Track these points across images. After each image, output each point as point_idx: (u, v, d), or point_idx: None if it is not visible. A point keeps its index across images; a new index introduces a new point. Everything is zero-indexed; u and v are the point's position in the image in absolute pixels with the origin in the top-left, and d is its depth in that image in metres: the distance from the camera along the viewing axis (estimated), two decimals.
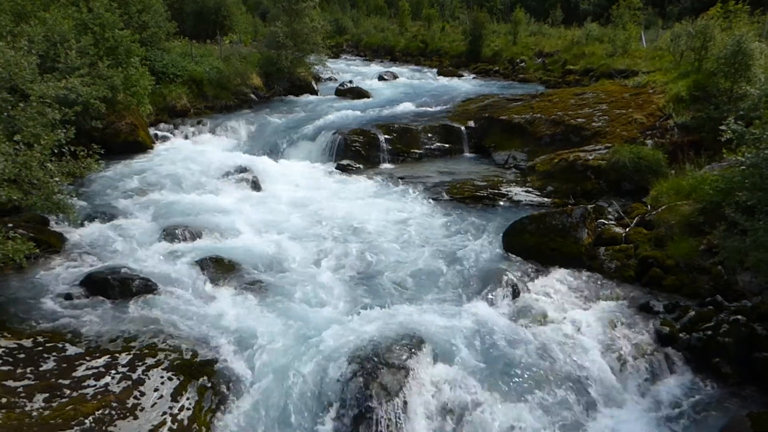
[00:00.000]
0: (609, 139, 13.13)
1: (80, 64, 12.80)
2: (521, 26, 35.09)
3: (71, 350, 6.77)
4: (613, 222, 10.16)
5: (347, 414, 6.09)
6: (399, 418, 6.01)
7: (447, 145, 16.15)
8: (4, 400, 5.74)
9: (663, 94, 14.38)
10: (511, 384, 6.64)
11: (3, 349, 6.64)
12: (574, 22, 38.23)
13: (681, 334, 7.29)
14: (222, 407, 6.27)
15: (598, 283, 8.72)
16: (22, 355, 6.58)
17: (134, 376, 6.31)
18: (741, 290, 7.72)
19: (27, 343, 6.84)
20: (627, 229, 9.66)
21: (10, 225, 8.21)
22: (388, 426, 5.95)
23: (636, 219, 9.90)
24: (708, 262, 8.20)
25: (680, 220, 8.95)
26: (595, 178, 11.92)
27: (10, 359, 6.48)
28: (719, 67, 12.66)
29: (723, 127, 7.83)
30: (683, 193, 9.68)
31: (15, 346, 6.75)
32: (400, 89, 24.97)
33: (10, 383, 6.05)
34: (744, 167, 7.26)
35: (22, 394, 5.89)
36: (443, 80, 29.16)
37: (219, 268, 8.92)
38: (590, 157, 12.35)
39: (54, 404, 5.78)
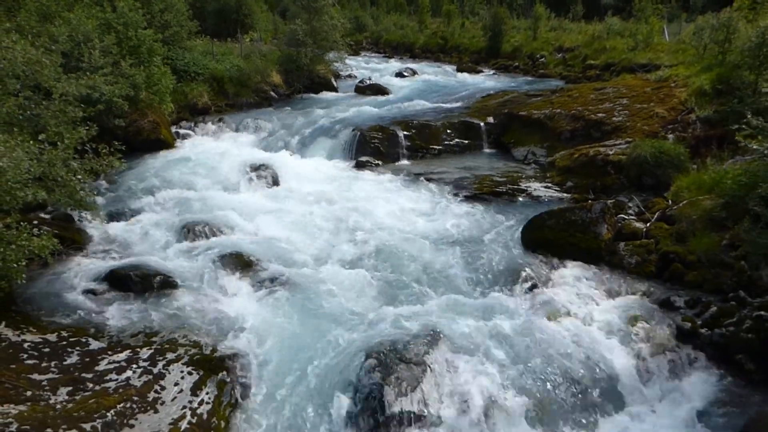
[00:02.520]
0: (630, 133, 12.96)
1: (103, 63, 12.99)
2: (541, 21, 34.77)
3: (94, 345, 6.90)
4: (633, 217, 10.03)
5: (365, 407, 6.12)
6: (416, 413, 6.02)
7: (466, 141, 16.08)
8: (29, 393, 5.88)
9: (685, 87, 14.14)
10: (530, 379, 6.62)
11: (29, 344, 6.80)
12: (595, 16, 37.74)
13: (703, 330, 7.20)
14: (241, 402, 6.35)
15: (618, 278, 8.64)
16: (47, 349, 6.72)
17: (155, 370, 6.42)
18: (765, 285, 7.56)
19: (52, 337, 6.98)
20: (647, 224, 9.53)
21: (36, 222, 8.36)
22: (404, 421, 5.97)
23: (657, 214, 9.76)
24: (731, 257, 8.06)
25: (702, 214, 8.81)
26: (615, 173, 11.78)
27: (36, 353, 6.63)
28: (743, 60, 12.42)
29: (743, 126, 7.72)
30: (705, 187, 9.53)
31: (40, 340, 6.91)
32: (419, 86, 24.93)
33: (36, 376, 6.19)
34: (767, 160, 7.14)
35: (47, 387, 6.02)
36: (462, 76, 29.03)
37: (238, 264, 9.01)
38: (610, 152, 12.21)
39: (77, 397, 5.91)
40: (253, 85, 21.50)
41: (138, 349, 6.80)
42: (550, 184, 12.51)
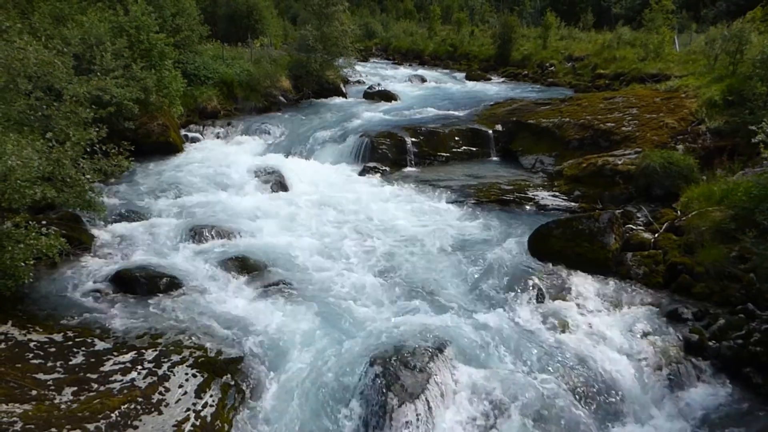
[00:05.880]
0: (639, 143, 12.93)
1: (115, 66, 13.07)
2: (551, 30, 34.80)
3: (99, 345, 6.90)
4: (641, 227, 10.00)
5: (368, 414, 6.09)
6: (420, 421, 6.00)
7: (474, 149, 16.08)
8: (34, 392, 5.88)
9: (695, 98, 14.11)
10: (535, 389, 6.57)
11: (34, 343, 6.81)
12: (605, 25, 37.81)
13: (710, 342, 7.14)
14: (244, 405, 6.33)
15: (625, 289, 8.60)
16: (53, 349, 6.73)
17: (160, 372, 6.41)
18: None
19: (57, 337, 6.99)
20: (656, 235, 9.50)
21: (44, 222, 8.39)
22: (408, 428, 5.94)
23: (665, 225, 9.72)
24: (739, 269, 8.01)
25: (711, 226, 8.77)
26: (623, 183, 11.74)
27: (41, 353, 6.64)
28: (755, 71, 12.37)
29: (754, 128, 7.66)
30: (715, 199, 9.49)
31: (46, 340, 6.92)
32: (428, 93, 24.97)
33: (41, 376, 6.20)
34: None
35: (52, 387, 6.02)
36: (471, 84, 29.09)
37: (245, 267, 9.02)
38: (619, 162, 12.18)
39: (82, 397, 5.90)
40: (262, 89, 21.57)
41: (143, 351, 6.80)
42: (557, 193, 12.48)
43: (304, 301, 8.31)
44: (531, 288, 8.49)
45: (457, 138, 16.19)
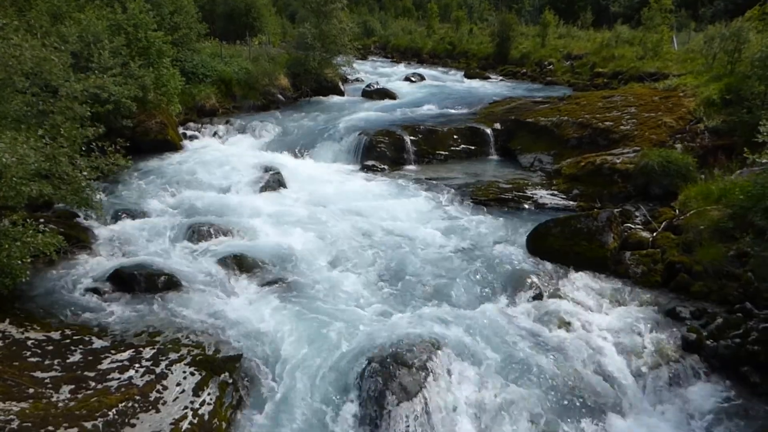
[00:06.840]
0: (637, 142, 12.93)
1: (113, 64, 13.03)
2: (550, 28, 34.74)
3: (97, 343, 6.90)
4: (639, 226, 10.00)
5: (366, 413, 6.10)
6: (417, 419, 6.00)
7: (472, 147, 16.07)
8: (31, 390, 5.87)
9: (694, 97, 14.11)
10: (532, 388, 6.57)
11: (32, 341, 6.80)
12: (603, 24, 37.76)
13: (708, 341, 7.13)
14: (242, 403, 6.34)
15: (623, 288, 8.60)
16: (50, 347, 6.72)
17: (157, 370, 6.40)
18: None
19: (55, 335, 6.98)
20: (654, 234, 9.50)
21: (41, 219, 8.38)
22: (406, 426, 5.94)
23: (663, 224, 9.72)
24: (737, 268, 8.01)
25: (709, 225, 8.77)
26: (622, 182, 11.75)
27: (39, 351, 6.63)
28: (753, 70, 12.37)
29: (762, 128, 7.65)
30: (713, 198, 9.49)
31: (44, 338, 6.91)
32: (427, 91, 24.92)
33: (38, 374, 6.19)
34: None
35: (49, 385, 6.01)
36: (470, 82, 29.06)
37: (243, 265, 9.01)
38: (618, 161, 12.18)
39: (79, 395, 5.89)
40: (260, 87, 21.56)
41: (141, 349, 6.79)
42: (556, 192, 12.48)
43: (302, 299, 8.31)
44: (529, 287, 8.50)
45: (455, 136, 16.19)
